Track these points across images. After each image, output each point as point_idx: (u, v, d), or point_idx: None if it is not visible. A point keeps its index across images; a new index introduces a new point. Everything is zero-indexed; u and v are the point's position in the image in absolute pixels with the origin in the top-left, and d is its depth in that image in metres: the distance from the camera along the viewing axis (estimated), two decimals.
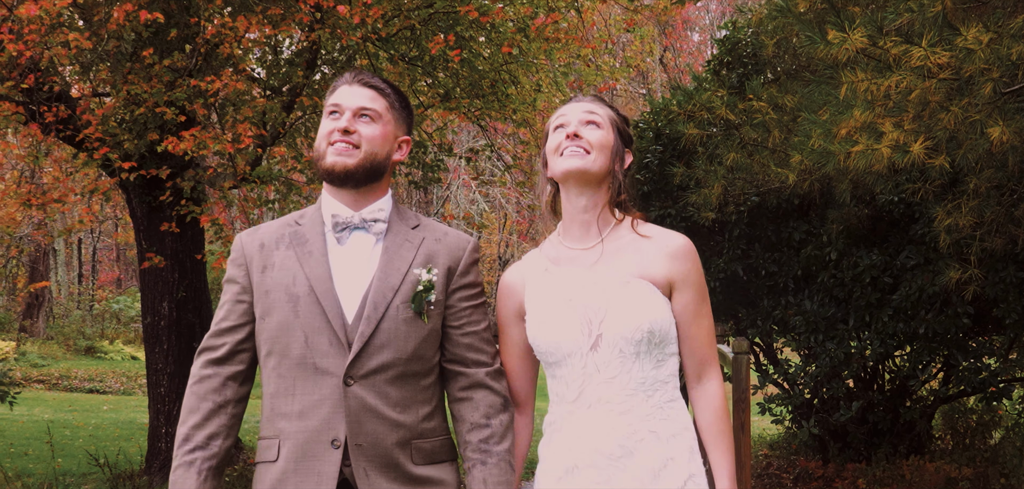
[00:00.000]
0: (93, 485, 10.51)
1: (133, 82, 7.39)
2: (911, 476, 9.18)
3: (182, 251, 10.23)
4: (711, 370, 3.39)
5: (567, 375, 3.36)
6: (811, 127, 5.73)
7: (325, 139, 3.39)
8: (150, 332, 10.50)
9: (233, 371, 3.40)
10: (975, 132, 4.88)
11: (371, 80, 3.51)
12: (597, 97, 3.56)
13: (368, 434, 3.27)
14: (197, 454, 3.32)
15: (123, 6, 6.55)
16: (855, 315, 8.78)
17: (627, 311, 3.27)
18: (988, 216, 5.84)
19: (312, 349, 3.28)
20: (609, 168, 3.39)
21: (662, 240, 3.38)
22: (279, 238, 3.45)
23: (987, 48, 4.06)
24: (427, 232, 3.49)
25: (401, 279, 3.37)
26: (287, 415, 3.31)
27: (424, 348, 3.38)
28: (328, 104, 3.44)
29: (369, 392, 3.28)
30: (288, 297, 3.33)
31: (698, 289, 3.37)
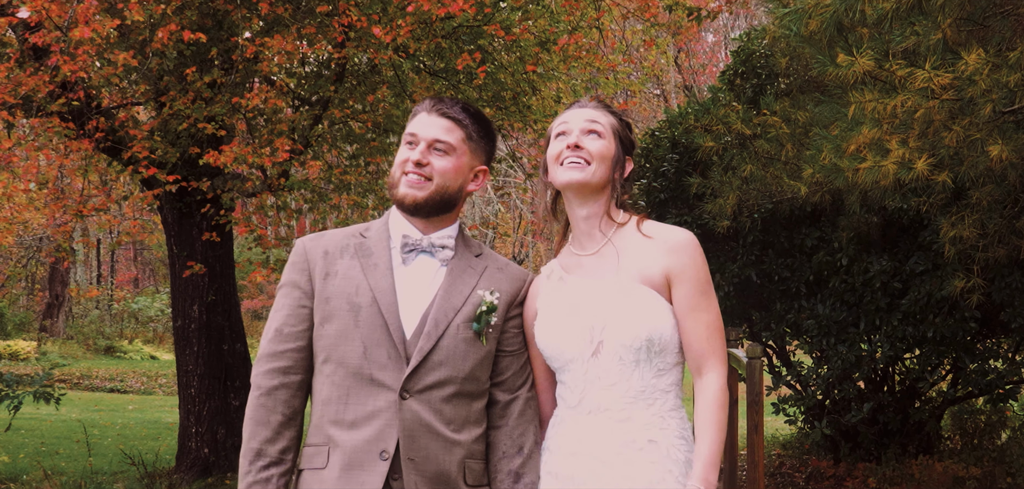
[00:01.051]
0: (124, 483, 10.82)
1: (175, 98, 7.70)
2: (920, 475, 9.35)
3: (212, 256, 10.54)
4: (710, 364, 3.33)
5: (570, 380, 3.37)
6: (822, 142, 5.99)
7: (400, 168, 3.40)
8: (181, 335, 10.81)
9: (299, 380, 3.36)
10: (976, 150, 5.13)
11: (449, 110, 3.48)
12: (600, 102, 3.53)
13: (421, 449, 3.26)
14: (272, 470, 3.28)
15: (167, 27, 6.86)
16: (866, 319, 8.97)
17: (627, 318, 3.27)
18: (991, 228, 6.10)
19: (370, 360, 3.27)
20: (609, 177, 3.38)
21: (662, 236, 3.37)
22: (343, 247, 3.44)
23: (987, 78, 4.33)
24: (490, 261, 3.50)
25: (464, 300, 3.37)
26: (339, 423, 3.29)
27: (480, 370, 3.38)
28: (407, 132, 3.45)
29: (424, 408, 3.27)
30: (349, 306, 3.32)
31: (696, 283, 3.32)
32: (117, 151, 8.65)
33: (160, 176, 8.12)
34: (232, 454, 10.78)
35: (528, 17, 8.61)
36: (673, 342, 3.31)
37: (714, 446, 3.25)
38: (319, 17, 7.62)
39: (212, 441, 10.72)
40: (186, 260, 10.17)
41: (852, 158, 5.57)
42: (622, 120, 3.49)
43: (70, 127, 7.85)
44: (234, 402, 10.81)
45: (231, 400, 10.82)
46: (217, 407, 10.75)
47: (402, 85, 9.26)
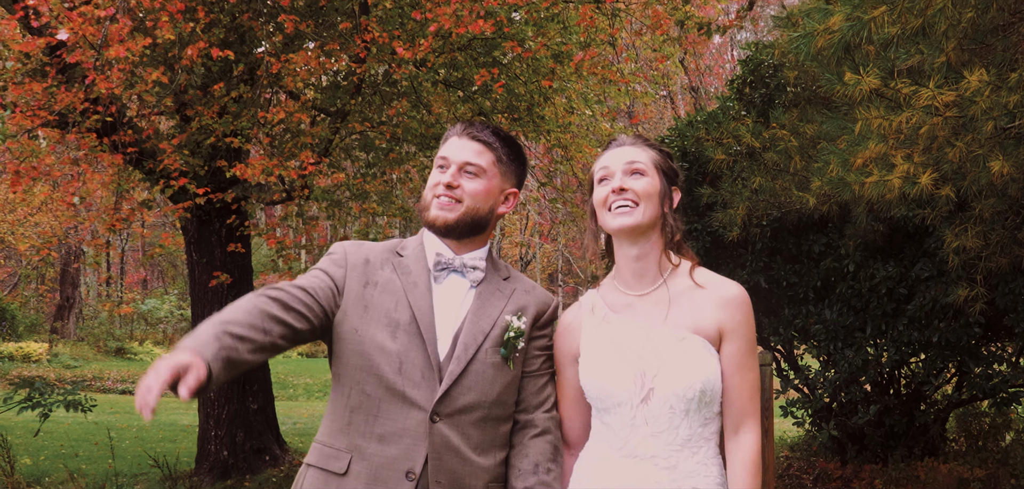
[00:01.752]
0: (145, 485, 11.03)
1: (202, 113, 7.92)
2: (925, 477, 9.44)
3: (231, 263, 10.75)
4: (749, 423, 3.32)
5: (614, 423, 3.33)
6: (829, 156, 6.16)
7: (431, 190, 3.43)
8: None
9: (289, 319, 3.22)
10: (978, 165, 5.29)
11: (479, 134, 3.51)
12: (638, 137, 3.48)
13: (448, 472, 3.27)
14: (227, 334, 3.03)
15: (196, 45, 7.07)
16: (872, 324, 9.06)
17: (681, 368, 3.24)
18: (993, 239, 6.28)
19: (405, 378, 3.28)
20: (658, 214, 3.34)
21: (716, 290, 3.33)
22: (384, 260, 3.45)
23: (988, 98, 4.52)
24: (517, 284, 3.52)
25: (492, 324, 3.39)
26: (366, 435, 3.28)
27: (507, 394, 3.40)
28: (438, 155, 3.48)
29: (453, 431, 3.28)
30: (388, 321, 3.33)
31: (747, 341, 3.32)
32: (145, 164, 8.87)
33: (191, 188, 8.34)
34: (251, 456, 10.99)
35: (542, 32, 8.81)
36: (720, 392, 3.29)
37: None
38: (341, 33, 7.83)
39: (231, 444, 10.93)
40: (206, 266, 10.39)
41: (859, 172, 5.74)
42: (662, 151, 3.44)
43: (104, 141, 8.07)
44: (252, 406, 11.03)
45: (249, 404, 11.03)
46: (235, 411, 10.96)
47: (417, 96, 9.46)
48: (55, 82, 7.47)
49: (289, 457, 11.59)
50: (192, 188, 8.32)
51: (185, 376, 2.79)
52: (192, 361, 2.82)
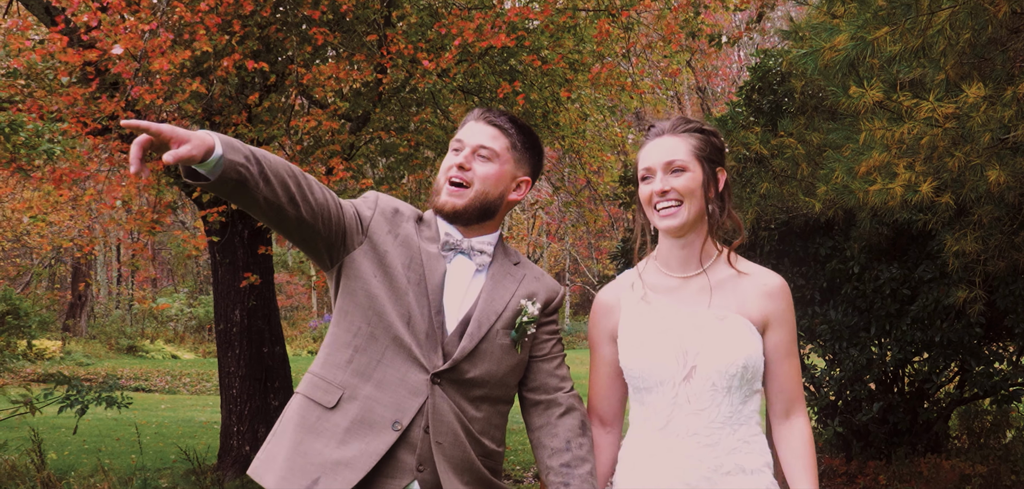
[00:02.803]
0: (169, 480, 11.32)
1: (237, 122, 8.25)
2: (928, 473, 9.63)
3: (252, 261, 11.05)
4: (799, 407, 3.36)
5: (656, 403, 3.33)
6: (835, 164, 6.44)
7: (444, 173, 3.45)
8: (223, 338, 11.32)
9: (309, 194, 3.18)
10: (976, 174, 5.56)
11: (496, 119, 3.51)
12: (677, 125, 3.40)
13: (448, 434, 3.29)
14: (247, 148, 3.03)
15: (232, 57, 7.39)
16: (876, 324, 9.24)
17: (724, 345, 3.25)
18: (991, 243, 6.55)
19: (412, 333, 3.29)
20: (703, 206, 3.33)
21: (759, 279, 3.36)
22: (409, 217, 3.45)
23: (984, 113, 4.80)
24: (527, 271, 3.53)
25: (504, 305, 3.40)
26: (364, 376, 3.29)
27: (511, 376, 3.43)
28: (454, 138, 3.51)
29: (454, 400, 3.30)
30: (404, 273, 3.34)
31: (790, 329, 3.34)
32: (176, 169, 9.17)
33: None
34: None
35: (559, 43, 9.10)
36: (760, 369, 3.31)
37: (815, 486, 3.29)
38: (367, 45, 8.15)
39: (253, 439, 11.22)
40: (230, 267, 10.69)
41: (863, 180, 6.01)
42: (704, 133, 3.38)
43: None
44: (273, 402, 11.32)
45: (271, 400, 11.32)
46: (257, 407, 11.25)
47: (436, 102, 9.75)
48: (97, 91, 7.79)
49: None
50: None
51: (181, 144, 2.82)
52: (196, 135, 2.86)
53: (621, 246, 10.57)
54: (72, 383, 9.08)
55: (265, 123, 8.34)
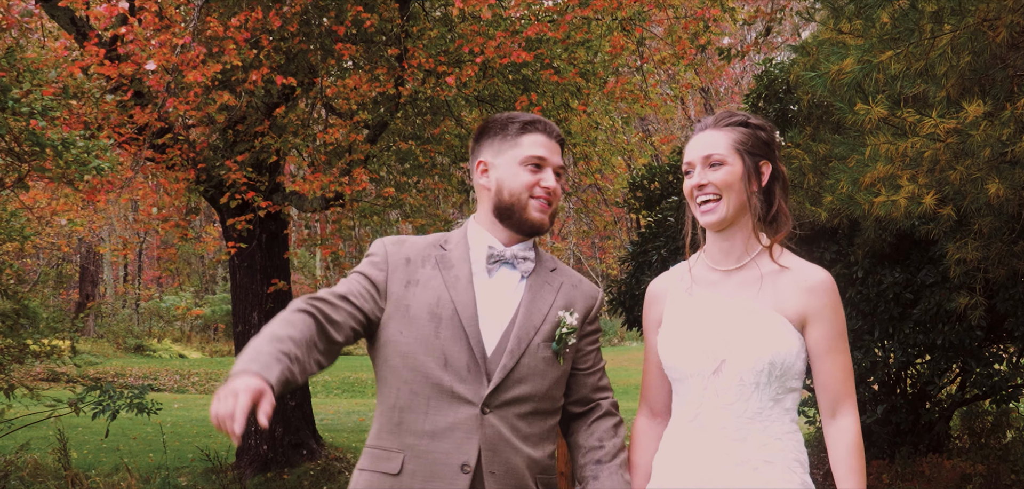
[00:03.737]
0: (188, 477, 11.58)
1: (264, 132, 8.54)
2: (930, 472, 9.81)
3: (269, 264, 11.32)
4: (845, 406, 3.25)
5: (687, 394, 3.33)
6: (840, 174, 6.67)
7: (527, 190, 3.39)
8: (241, 340, 11.58)
9: (336, 336, 3.26)
10: (977, 187, 5.77)
11: (561, 135, 3.52)
12: (720, 119, 3.37)
13: (502, 462, 3.28)
14: (281, 347, 3.09)
15: (260, 70, 7.67)
16: (880, 327, 9.39)
17: (753, 341, 3.21)
18: (991, 252, 6.79)
19: (450, 372, 3.28)
20: (743, 199, 3.28)
21: (800, 273, 3.28)
22: (425, 257, 3.42)
23: (984, 131, 5.05)
24: (564, 277, 3.50)
25: (543, 319, 3.37)
26: (416, 433, 3.29)
27: (556, 389, 3.41)
28: (530, 153, 3.41)
29: (504, 423, 3.28)
30: (430, 317, 3.31)
31: (833, 325, 3.24)
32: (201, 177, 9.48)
33: (257, 200, 8.95)
34: (289, 451, 11.56)
35: (573, 58, 9.35)
36: (795, 367, 3.25)
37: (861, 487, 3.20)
38: (388, 59, 8.42)
39: (270, 439, 11.49)
40: (248, 270, 10.96)
41: (867, 191, 6.23)
42: (748, 126, 3.35)
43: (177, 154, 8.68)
44: (290, 402, 11.59)
45: (288, 400, 11.60)
46: (275, 408, 11.51)
47: (450, 110, 10.01)
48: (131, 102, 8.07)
49: (325, 452, 12.14)
50: (258, 201, 8.93)
51: (261, 403, 2.94)
52: (263, 387, 2.94)
53: (632, 249, 10.79)
54: (104, 388, 9.31)
55: (290, 134, 8.62)
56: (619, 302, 10.64)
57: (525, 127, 3.44)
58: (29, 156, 6.28)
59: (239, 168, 8.68)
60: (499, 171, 3.42)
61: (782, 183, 3.38)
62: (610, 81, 9.42)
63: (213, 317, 36.45)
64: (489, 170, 3.46)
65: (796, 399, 3.30)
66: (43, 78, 6.24)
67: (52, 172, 6.49)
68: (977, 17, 4.78)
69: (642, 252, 10.42)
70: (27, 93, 6.00)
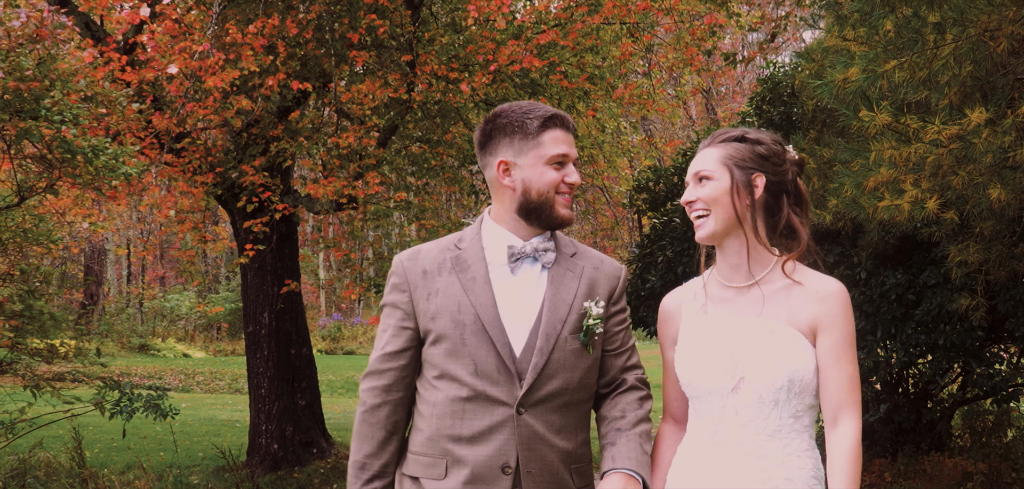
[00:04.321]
0: (200, 475, 11.72)
1: (274, 135, 8.71)
2: (932, 470, 9.90)
3: (280, 266, 11.47)
4: (847, 415, 3.22)
5: (705, 412, 3.33)
6: (845, 178, 6.81)
7: (552, 187, 3.38)
8: (252, 340, 11.73)
9: (400, 396, 3.45)
10: (979, 192, 5.89)
11: (573, 124, 3.52)
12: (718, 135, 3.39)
13: (538, 460, 3.31)
14: (376, 483, 3.43)
15: (276, 76, 7.84)
16: (882, 327, 9.44)
17: (771, 359, 3.21)
18: (992, 254, 6.94)
19: (482, 377, 3.31)
20: (732, 214, 3.28)
21: (813, 286, 3.27)
22: (441, 263, 3.43)
23: (986, 139, 5.19)
24: (585, 260, 3.48)
25: (568, 310, 3.37)
26: (457, 439, 3.33)
27: (588, 377, 3.43)
28: (555, 152, 3.40)
29: (538, 421, 3.31)
30: (454, 324, 3.34)
31: (843, 334, 3.22)
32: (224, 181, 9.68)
33: (274, 202, 9.13)
34: (299, 449, 11.71)
35: (581, 63, 9.50)
36: (813, 383, 3.25)
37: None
38: (400, 65, 8.59)
39: (281, 437, 11.64)
40: (258, 271, 11.11)
41: (871, 195, 6.36)
42: (744, 141, 3.34)
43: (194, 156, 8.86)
44: (300, 402, 11.74)
45: (298, 400, 11.75)
46: (285, 406, 11.68)
47: (459, 113, 10.17)
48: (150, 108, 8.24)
49: (335, 450, 12.29)
50: (275, 203, 9.12)
51: None
52: None
53: (637, 250, 10.92)
54: (123, 388, 9.46)
55: (305, 138, 8.79)
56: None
57: (545, 124, 3.39)
58: (60, 162, 6.45)
59: (255, 171, 8.87)
60: (524, 171, 3.39)
61: (791, 196, 3.36)
62: (619, 87, 9.58)
63: (216, 317, 36.50)
64: (512, 170, 3.41)
65: (813, 416, 3.31)
66: (73, 87, 6.41)
67: (82, 178, 6.67)
68: (978, 27, 4.93)
69: (648, 253, 10.55)
70: (57, 101, 6.17)
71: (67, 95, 6.28)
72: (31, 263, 8.80)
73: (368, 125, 8.94)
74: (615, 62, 9.84)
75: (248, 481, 11.04)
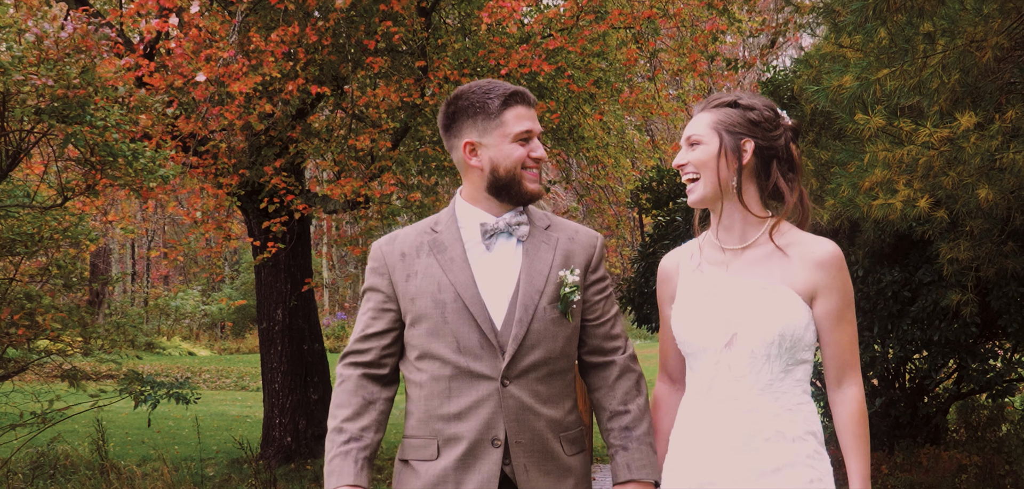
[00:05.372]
0: (214, 468, 12.00)
1: (293, 137, 9.02)
2: (928, 463, 10.10)
3: (293, 264, 11.76)
4: (850, 376, 3.29)
5: (700, 368, 3.38)
6: (841, 179, 7.07)
7: (518, 163, 3.43)
8: (265, 336, 12.02)
9: (381, 374, 3.48)
10: (968, 192, 6.11)
11: (534, 98, 3.56)
12: (711, 100, 3.43)
13: (527, 431, 3.35)
14: (352, 445, 3.39)
15: (296, 81, 8.15)
16: (879, 324, 9.59)
17: (763, 315, 3.24)
18: (982, 252, 7.20)
19: (465, 354, 3.35)
20: (719, 177, 3.32)
21: (808, 248, 3.30)
22: (418, 246, 3.47)
23: (974, 143, 5.47)
24: (560, 232, 3.52)
25: (545, 280, 3.41)
26: (445, 417, 3.38)
27: (569, 346, 3.45)
28: (518, 129, 3.45)
29: (524, 391, 3.34)
30: (435, 304, 3.38)
31: (841, 297, 3.27)
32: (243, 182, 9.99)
33: (296, 204, 9.44)
34: (313, 442, 11.99)
35: (588, 68, 9.79)
36: (804, 338, 3.28)
37: (865, 463, 3.25)
38: (414, 70, 8.89)
39: (294, 431, 11.92)
40: (272, 269, 11.40)
41: (866, 195, 6.60)
42: (735, 107, 3.37)
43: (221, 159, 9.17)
44: (313, 396, 12.03)
45: (310, 394, 12.03)
46: (298, 401, 11.97)
47: None
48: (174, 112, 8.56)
49: None
50: (296, 203, 9.44)
51: None
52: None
53: (641, 249, 11.18)
54: (144, 380, 9.78)
55: (322, 140, 9.10)
56: (628, 300, 10.99)
57: (507, 102, 3.44)
58: (101, 165, 6.76)
59: (275, 173, 9.19)
60: (490, 150, 3.43)
61: (783, 161, 3.38)
62: (624, 91, 9.87)
63: (220, 315, 36.65)
64: (478, 150, 3.46)
65: (807, 370, 3.34)
66: (111, 93, 6.73)
67: (123, 179, 6.98)
68: (966, 38, 5.21)
69: (651, 252, 10.78)
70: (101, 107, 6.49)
71: (107, 101, 6.60)
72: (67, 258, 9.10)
73: (383, 127, 9.23)
74: (621, 67, 10.12)
75: (265, 472, 11.32)
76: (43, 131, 6.67)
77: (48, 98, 6.05)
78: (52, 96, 6.06)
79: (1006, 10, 5.40)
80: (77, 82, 6.19)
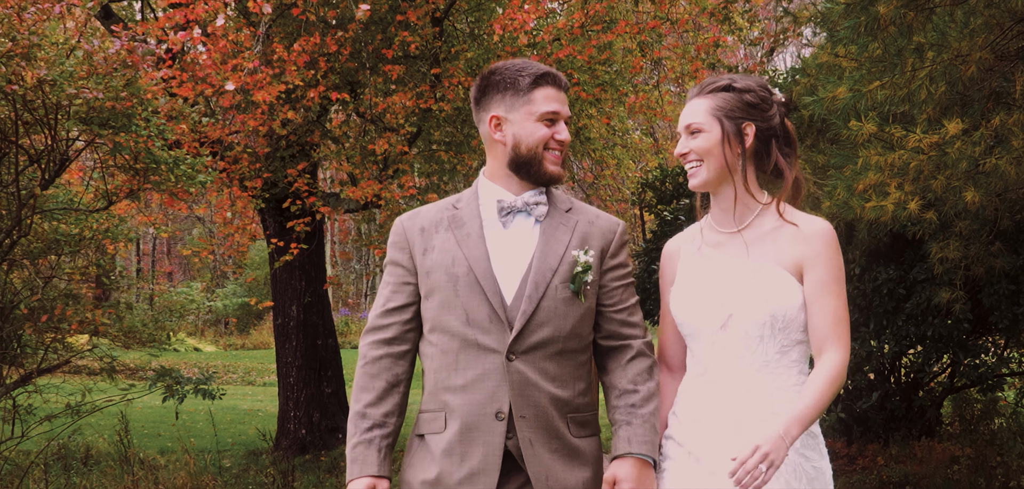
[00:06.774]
0: (231, 459, 12.34)
1: (312, 141, 9.41)
2: (922, 455, 10.32)
3: (308, 262, 12.10)
4: (831, 347, 3.24)
5: (697, 349, 3.41)
6: (836, 182, 7.39)
7: (541, 142, 3.42)
8: (281, 331, 12.37)
9: (402, 350, 3.46)
10: (956, 195, 6.39)
11: (566, 83, 3.53)
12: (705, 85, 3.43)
13: (532, 406, 3.32)
14: (375, 432, 3.40)
15: (317, 89, 8.53)
16: (875, 320, 9.77)
17: (754, 296, 3.26)
18: (971, 251, 7.53)
19: (473, 326, 3.34)
20: (723, 163, 3.33)
21: (800, 226, 3.32)
22: (438, 221, 3.46)
23: (958, 150, 5.81)
24: (580, 215, 3.51)
25: (559, 260, 3.38)
26: (452, 389, 3.37)
27: (581, 326, 3.41)
28: (545, 109, 3.43)
29: (530, 367, 3.32)
30: (448, 277, 3.37)
31: (828, 270, 3.25)
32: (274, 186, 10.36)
33: (318, 206, 9.82)
34: (326, 435, 12.34)
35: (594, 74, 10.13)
36: (798, 319, 3.29)
37: (808, 408, 3.16)
38: (430, 78, 9.25)
39: (308, 423, 12.26)
40: (287, 266, 11.74)
41: (860, 197, 6.89)
42: (732, 90, 3.38)
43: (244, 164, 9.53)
44: (327, 390, 12.37)
45: (324, 388, 12.38)
46: (312, 394, 12.31)
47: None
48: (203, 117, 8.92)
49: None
50: (318, 205, 9.82)
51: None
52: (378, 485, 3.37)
53: (645, 245, 11.46)
54: (172, 375, 10.13)
55: (342, 145, 9.47)
56: None
57: (537, 81, 3.43)
58: (144, 171, 7.14)
59: (299, 175, 9.57)
60: (515, 127, 3.43)
61: (780, 139, 3.41)
62: (630, 97, 10.23)
63: (224, 311, 36.87)
64: (503, 125, 3.46)
65: (804, 352, 3.35)
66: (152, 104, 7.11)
67: (165, 185, 7.38)
68: (952, 52, 5.55)
69: (655, 249, 11.03)
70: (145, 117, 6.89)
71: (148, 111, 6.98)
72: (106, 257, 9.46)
73: (401, 132, 9.59)
74: (627, 74, 10.45)
75: (283, 461, 11.63)
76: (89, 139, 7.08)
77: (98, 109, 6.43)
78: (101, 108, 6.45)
79: (991, 26, 5.73)
80: (124, 95, 6.58)
